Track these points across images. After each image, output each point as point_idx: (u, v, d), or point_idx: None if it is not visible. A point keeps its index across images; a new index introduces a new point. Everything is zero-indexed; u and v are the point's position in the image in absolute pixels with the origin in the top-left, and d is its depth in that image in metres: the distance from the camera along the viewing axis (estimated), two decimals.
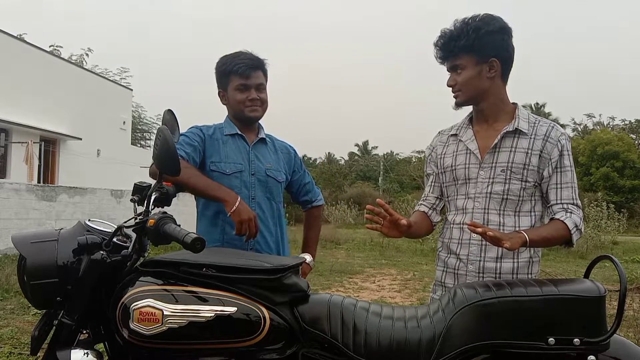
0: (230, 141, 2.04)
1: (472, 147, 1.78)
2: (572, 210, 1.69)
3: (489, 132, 1.77)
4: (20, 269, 1.41)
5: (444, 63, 1.79)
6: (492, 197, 1.72)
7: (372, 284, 7.78)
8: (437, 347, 1.30)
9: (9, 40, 13.68)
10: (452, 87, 1.77)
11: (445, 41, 1.71)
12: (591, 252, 12.45)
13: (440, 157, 1.88)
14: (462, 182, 1.79)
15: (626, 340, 1.38)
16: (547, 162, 1.71)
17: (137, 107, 26.41)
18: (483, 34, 1.67)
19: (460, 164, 1.80)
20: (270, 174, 2.05)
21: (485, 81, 1.72)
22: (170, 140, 1.42)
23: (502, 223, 1.71)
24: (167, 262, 1.39)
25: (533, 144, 1.71)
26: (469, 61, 1.70)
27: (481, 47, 1.68)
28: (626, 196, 28.40)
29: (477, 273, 1.72)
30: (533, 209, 1.74)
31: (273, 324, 1.34)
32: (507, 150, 1.72)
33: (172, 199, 1.66)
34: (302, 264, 1.50)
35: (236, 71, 2.00)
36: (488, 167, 1.74)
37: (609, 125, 39.64)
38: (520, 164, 1.70)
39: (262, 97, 2.05)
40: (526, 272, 1.72)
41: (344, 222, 26.50)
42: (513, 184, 1.70)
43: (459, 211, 1.80)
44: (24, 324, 4.55)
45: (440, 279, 1.84)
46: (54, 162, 15.46)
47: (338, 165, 46.66)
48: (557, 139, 1.71)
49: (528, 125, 1.73)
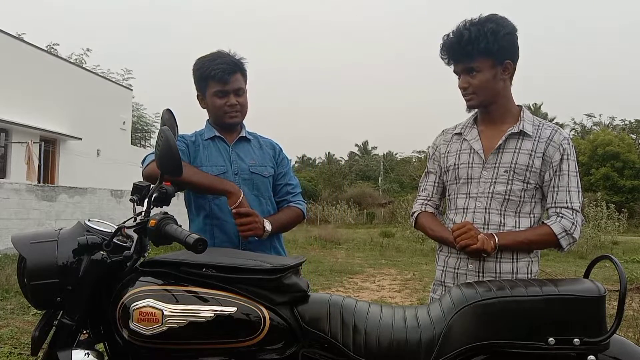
0: (210, 145, 2.03)
1: (476, 147, 1.78)
2: (564, 214, 1.70)
3: (493, 133, 1.77)
4: (20, 269, 1.41)
5: (453, 64, 1.76)
6: (494, 197, 1.73)
7: (372, 284, 7.78)
8: (437, 347, 1.30)
9: (8, 40, 13.68)
10: (464, 89, 1.74)
11: (462, 44, 1.67)
12: (591, 252, 12.45)
13: (443, 156, 1.87)
14: (463, 181, 1.79)
15: (626, 340, 1.38)
16: (549, 165, 1.72)
17: (137, 107, 26.41)
18: (501, 36, 1.66)
19: (463, 163, 1.80)
20: (254, 171, 2.02)
21: (499, 83, 1.72)
22: (172, 140, 1.42)
23: (503, 223, 1.72)
24: (167, 262, 1.39)
25: (536, 146, 1.72)
26: (486, 64, 1.69)
27: (499, 50, 1.67)
28: (626, 196, 28.40)
29: (477, 273, 1.72)
30: (532, 211, 1.75)
31: (273, 324, 1.34)
32: (511, 151, 1.73)
33: (171, 198, 1.66)
34: (302, 264, 1.50)
35: (214, 76, 1.94)
36: (491, 168, 1.74)
37: (609, 125, 39.64)
38: (524, 166, 1.71)
39: (241, 102, 2.01)
40: (526, 272, 1.72)
41: (344, 222, 26.52)
42: (515, 185, 1.71)
43: (459, 210, 1.80)
44: (24, 324, 4.55)
45: (440, 278, 1.84)
46: (54, 162, 15.46)
47: (338, 165, 46.66)
48: (560, 143, 1.72)
49: (532, 128, 1.74)
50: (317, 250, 12.71)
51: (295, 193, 2.11)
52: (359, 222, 28.22)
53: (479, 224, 1.73)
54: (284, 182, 2.10)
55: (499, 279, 1.71)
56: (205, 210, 1.98)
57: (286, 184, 2.11)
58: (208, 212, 1.98)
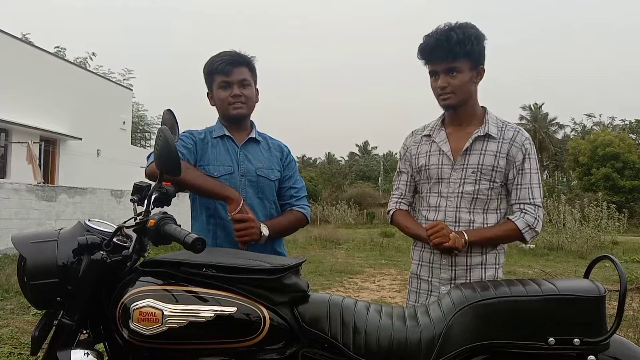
0: (219, 143, 2.03)
1: (445, 149, 1.89)
2: (527, 210, 1.82)
3: (460, 135, 1.88)
4: (20, 269, 1.41)
5: (433, 64, 1.82)
6: (464, 197, 1.85)
7: (372, 284, 7.78)
8: (437, 347, 1.30)
9: (9, 40, 13.68)
10: (443, 88, 1.81)
11: (451, 44, 1.74)
12: (591, 252, 12.45)
13: (414, 157, 1.98)
14: (435, 181, 1.90)
15: (626, 340, 1.38)
16: (512, 165, 1.84)
17: (137, 107, 26.42)
18: (480, 42, 1.79)
19: (433, 164, 1.90)
20: (261, 174, 2.01)
21: (472, 86, 1.85)
22: (171, 140, 1.41)
23: (472, 220, 1.85)
24: (167, 262, 1.39)
25: (501, 147, 1.84)
26: (466, 66, 1.79)
27: (478, 55, 1.80)
28: (626, 196, 28.39)
29: (450, 266, 1.85)
30: (499, 207, 1.88)
31: (273, 324, 1.34)
32: (478, 153, 1.85)
33: (172, 199, 1.66)
34: (302, 264, 1.50)
35: (217, 69, 1.98)
36: (460, 169, 1.86)
37: (609, 125, 39.63)
38: (490, 166, 1.83)
39: (246, 94, 2.01)
40: (493, 263, 1.86)
41: (344, 222, 26.51)
42: (482, 184, 1.83)
43: (431, 208, 1.91)
44: (24, 324, 4.55)
45: (416, 271, 1.96)
46: (54, 162, 15.47)
47: (338, 165, 46.67)
48: (522, 143, 1.84)
49: (497, 130, 1.86)
50: (317, 250, 12.71)
51: (299, 197, 2.10)
52: (359, 222, 28.21)
53: (450, 221, 1.85)
54: (289, 185, 2.09)
55: (499, 279, 1.74)
56: (209, 210, 1.98)
57: (291, 187, 2.09)
58: (212, 211, 1.97)
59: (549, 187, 29.11)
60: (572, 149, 33.83)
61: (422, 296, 1.91)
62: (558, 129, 46.24)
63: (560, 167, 42.28)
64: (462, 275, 1.83)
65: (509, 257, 11.77)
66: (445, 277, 1.85)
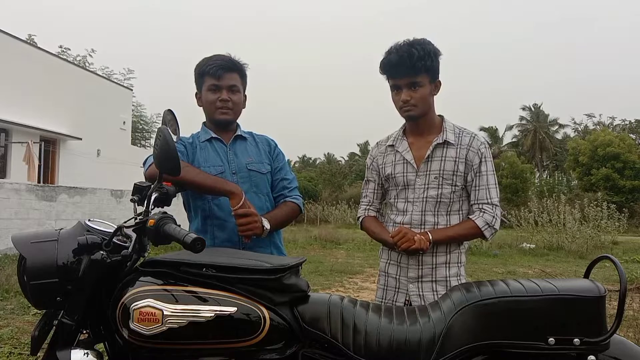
0: (207, 146, 2.05)
1: (408, 158, 2.02)
2: (485, 209, 1.95)
3: (421, 144, 2.02)
4: (20, 269, 1.41)
5: (395, 79, 1.94)
6: (428, 201, 1.98)
7: (372, 284, 7.77)
8: (437, 347, 1.30)
9: (9, 40, 13.68)
10: (406, 102, 1.94)
11: (413, 60, 1.87)
12: (591, 252, 12.46)
13: (381, 167, 2.11)
14: (401, 187, 2.03)
15: (626, 340, 1.38)
16: (470, 168, 1.97)
17: (137, 107, 26.42)
18: (437, 57, 1.93)
19: (398, 173, 2.04)
20: (252, 168, 2.04)
21: (431, 98, 1.99)
22: (171, 140, 1.41)
23: (437, 222, 1.97)
24: (167, 262, 1.39)
25: (459, 152, 1.97)
26: (426, 80, 1.93)
27: (436, 69, 1.94)
28: (626, 196, 28.40)
29: (417, 265, 1.96)
30: (461, 208, 2.01)
31: (273, 324, 1.34)
32: (439, 159, 1.98)
33: (172, 198, 1.66)
34: (302, 264, 1.50)
35: (208, 72, 2.00)
36: (423, 175, 1.99)
37: (609, 125, 39.62)
38: (450, 171, 1.96)
39: (234, 99, 2.03)
40: (457, 262, 1.99)
41: (344, 222, 26.51)
42: (445, 189, 1.96)
43: (399, 212, 2.04)
44: (24, 324, 4.55)
45: (384, 269, 2.08)
46: (54, 162, 15.46)
47: (338, 165, 46.67)
48: (478, 148, 1.97)
49: (454, 137, 1.99)
50: (317, 250, 12.71)
51: (291, 188, 2.13)
52: None
53: (416, 224, 1.98)
54: (280, 177, 2.12)
55: (499, 279, 1.72)
56: (204, 211, 1.99)
57: (282, 178, 2.12)
58: (208, 212, 1.98)
59: (549, 187, 29.08)
60: (572, 149, 33.84)
61: (390, 293, 2.03)
62: (558, 129, 46.28)
63: (560, 167, 42.29)
64: (428, 273, 1.95)
65: (510, 257, 11.78)
66: (412, 275, 1.97)
